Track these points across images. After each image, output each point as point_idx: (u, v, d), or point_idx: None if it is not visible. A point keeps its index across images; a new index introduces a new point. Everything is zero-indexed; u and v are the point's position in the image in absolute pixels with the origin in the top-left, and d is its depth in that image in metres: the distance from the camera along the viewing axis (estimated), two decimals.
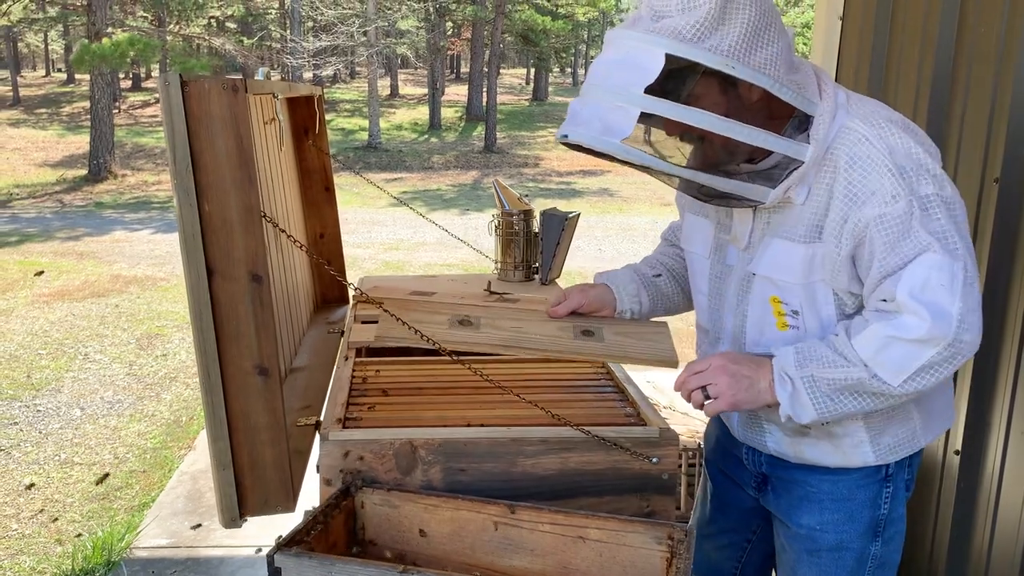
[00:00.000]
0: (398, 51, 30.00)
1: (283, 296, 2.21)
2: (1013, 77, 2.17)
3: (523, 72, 43.01)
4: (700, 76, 1.35)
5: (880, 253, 1.41)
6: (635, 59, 1.32)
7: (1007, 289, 2.21)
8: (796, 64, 1.44)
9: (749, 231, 1.57)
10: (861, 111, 1.46)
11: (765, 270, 1.55)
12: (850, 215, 1.42)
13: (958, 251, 1.38)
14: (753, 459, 1.75)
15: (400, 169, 21.46)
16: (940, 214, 1.39)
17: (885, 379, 1.41)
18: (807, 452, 1.63)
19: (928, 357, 1.38)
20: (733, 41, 1.33)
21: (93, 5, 17.48)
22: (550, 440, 1.64)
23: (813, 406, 1.46)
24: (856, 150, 1.42)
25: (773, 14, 1.39)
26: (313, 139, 2.79)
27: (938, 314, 1.36)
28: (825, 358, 1.45)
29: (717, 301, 1.68)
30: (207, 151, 1.43)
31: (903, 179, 1.39)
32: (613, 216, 14.78)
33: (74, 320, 7.52)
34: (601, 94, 1.35)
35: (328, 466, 1.62)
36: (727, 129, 1.36)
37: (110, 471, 4.50)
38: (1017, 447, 2.19)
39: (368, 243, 11.73)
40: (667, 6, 1.35)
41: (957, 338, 1.37)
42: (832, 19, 3.04)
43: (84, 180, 18.10)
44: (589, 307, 1.83)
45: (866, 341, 1.42)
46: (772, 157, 1.44)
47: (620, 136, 1.32)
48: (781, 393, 1.48)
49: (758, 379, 1.51)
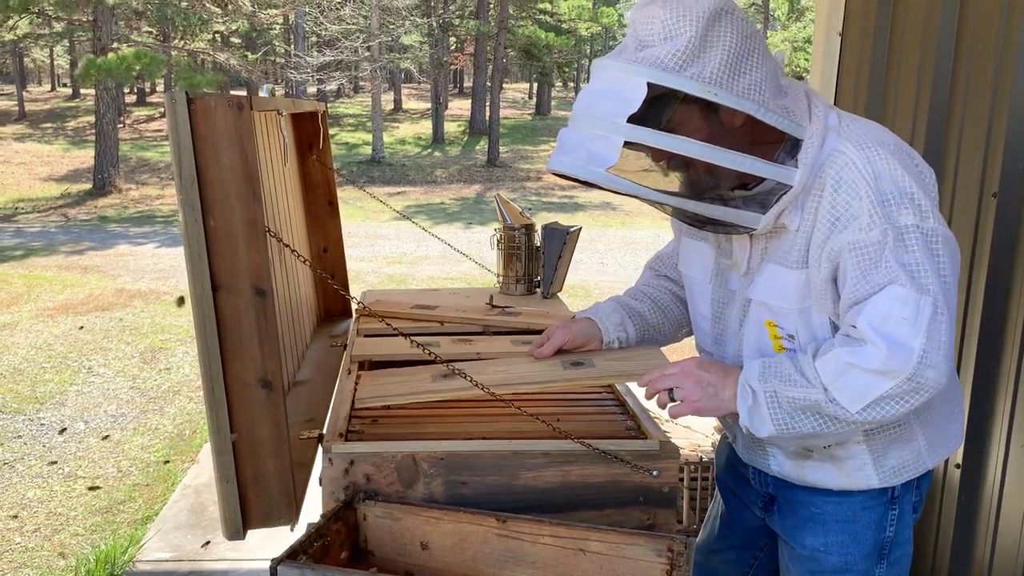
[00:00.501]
0: (402, 66, 30.16)
1: (287, 310, 2.23)
2: (1010, 93, 2.19)
3: (526, 87, 43.19)
4: (680, 103, 1.36)
5: (852, 280, 1.40)
6: (618, 89, 1.34)
7: (1006, 302, 2.22)
8: (784, 87, 1.44)
9: (748, 257, 1.58)
10: (853, 134, 1.45)
11: (761, 295, 1.55)
12: (830, 239, 1.42)
13: (929, 286, 1.36)
14: (760, 479, 1.75)
15: (403, 183, 21.53)
16: (916, 246, 1.37)
17: (843, 404, 1.40)
18: (809, 475, 1.63)
19: (886, 388, 1.37)
20: (715, 68, 1.34)
21: (98, 20, 17.61)
22: (551, 453, 1.65)
23: (772, 421, 1.46)
24: (843, 174, 1.41)
25: (756, 39, 1.40)
26: (317, 154, 2.81)
27: (896, 347, 1.35)
28: (788, 376, 1.45)
29: (720, 327, 1.68)
30: (212, 167, 1.45)
31: (882, 207, 1.38)
32: (615, 230, 14.80)
33: (78, 334, 7.55)
34: (586, 124, 1.37)
35: (330, 479, 1.64)
36: (711, 155, 1.36)
37: (113, 484, 4.50)
38: (1017, 460, 2.19)
39: (371, 256, 11.76)
40: (650, 35, 1.37)
41: (917, 373, 1.35)
42: (831, 35, 3.06)
43: (88, 194, 18.18)
44: (574, 343, 1.83)
45: (828, 364, 1.42)
46: (765, 183, 1.43)
47: (605, 165, 1.34)
48: (742, 405, 1.49)
49: (723, 388, 1.51)
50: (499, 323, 2.52)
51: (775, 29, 31.19)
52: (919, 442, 1.59)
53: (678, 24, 1.34)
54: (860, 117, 1.53)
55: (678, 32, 1.34)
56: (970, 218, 2.33)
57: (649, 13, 1.38)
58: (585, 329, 1.85)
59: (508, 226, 2.93)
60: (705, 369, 1.54)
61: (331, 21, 25.06)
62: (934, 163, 2.49)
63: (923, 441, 1.59)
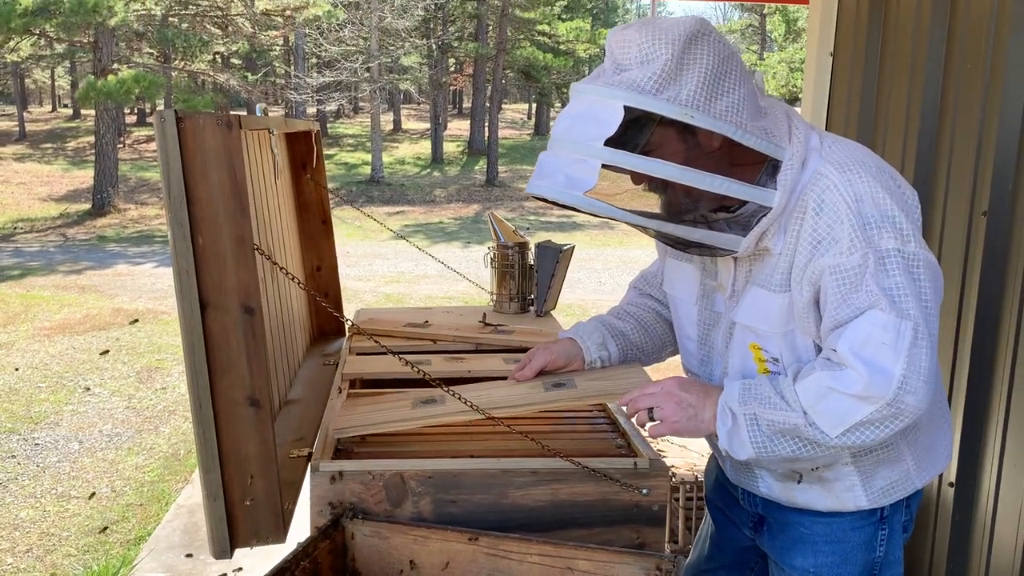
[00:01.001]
0: (401, 87, 30.32)
1: (278, 328, 2.23)
2: (999, 112, 2.21)
3: (524, 107, 43.42)
4: (657, 125, 1.36)
5: (832, 304, 1.40)
6: (596, 112, 1.34)
7: (997, 319, 2.23)
8: (764, 108, 1.44)
9: (732, 279, 1.58)
10: (835, 156, 1.44)
11: (744, 318, 1.55)
12: (811, 261, 1.41)
13: (909, 311, 1.35)
14: (749, 500, 1.74)
15: (402, 203, 21.58)
16: (896, 270, 1.37)
17: (822, 428, 1.40)
18: (799, 497, 1.62)
19: (866, 413, 1.36)
20: (691, 90, 1.33)
21: (100, 42, 17.73)
22: (540, 471, 1.65)
23: (751, 444, 1.45)
24: (824, 196, 1.40)
25: (734, 61, 1.39)
26: (311, 173, 2.82)
27: (877, 372, 1.34)
28: (768, 398, 1.45)
29: (707, 348, 1.67)
30: (201, 185, 1.46)
31: (864, 230, 1.37)
32: (613, 249, 14.82)
33: (74, 353, 7.54)
34: (564, 147, 1.36)
35: (318, 497, 1.63)
36: (688, 178, 1.35)
37: (107, 504, 4.48)
38: (1010, 479, 2.18)
39: (369, 276, 11.77)
40: (627, 59, 1.37)
41: (897, 398, 1.34)
42: (823, 55, 3.09)
43: (87, 214, 18.22)
44: (555, 364, 1.83)
45: (808, 388, 1.41)
46: (746, 205, 1.43)
47: (583, 188, 1.34)
48: (721, 427, 1.48)
49: (703, 409, 1.51)
50: (492, 341, 2.52)
51: (772, 50, 31.39)
52: (907, 462, 1.58)
53: (654, 47, 1.34)
54: (842, 138, 1.52)
55: (654, 55, 1.34)
56: (961, 236, 2.34)
57: (626, 37, 1.38)
58: (566, 350, 1.84)
59: (501, 244, 2.94)
60: (685, 389, 1.54)
61: (331, 42, 25.22)
62: (924, 183, 2.50)
63: (911, 461, 1.59)
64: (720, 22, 42.96)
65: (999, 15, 2.22)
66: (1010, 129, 2.18)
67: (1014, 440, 2.17)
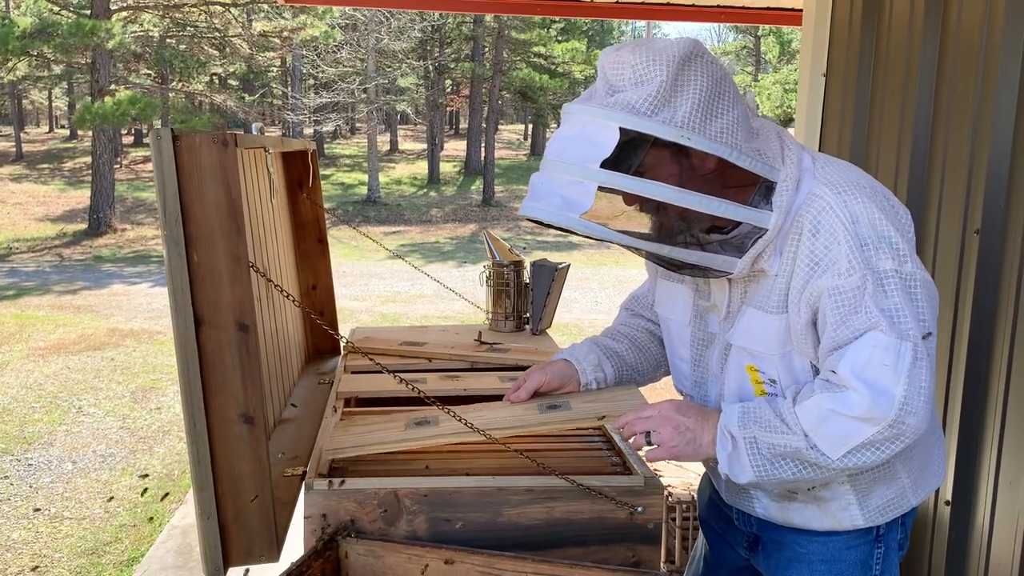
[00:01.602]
0: (398, 107, 30.46)
1: (273, 347, 2.22)
2: (991, 130, 2.22)
3: (521, 128, 43.58)
4: (651, 147, 1.35)
5: (831, 325, 1.39)
6: (590, 134, 1.34)
7: (991, 335, 2.23)
8: (756, 129, 1.44)
9: (727, 301, 1.57)
10: (828, 176, 1.45)
11: (741, 340, 1.54)
12: (809, 282, 1.41)
13: (909, 331, 1.35)
14: (744, 519, 1.73)
15: (399, 222, 21.62)
16: (895, 291, 1.37)
17: (824, 451, 1.39)
18: (795, 517, 1.61)
19: (868, 435, 1.36)
20: (687, 112, 1.33)
21: (97, 63, 17.80)
22: (535, 489, 1.64)
23: (752, 468, 1.44)
24: (820, 218, 1.40)
25: (727, 82, 1.39)
26: (307, 192, 2.83)
27: (879, 394, 1.34)
28: (768, 422, 1.44)
29: (701, 370, 1.66)
30: (196, 203, 1.46)
31: (861, 252, 1.37)
32: (609, 268, 14.84)
33: (69, 373, 7.51)
34: (558, 169, 1.36)
35: (313, 516, 1.62)
36: (685, 200, 1.35)
37: (100, 525, 4.45)
38: (1006, 497, 2.18)
39: (365, 295, 11.76)
40: (621, 80, 1.37)
41: (899, 419, 1.35)
42: (816, 76, 3.11)
43: (84, 234, 18.21)
44: (550, 385, 1.81)
45: (808, 411, 1.41)
46: (741, 227, 1.42)
47: (579, 211, 1.33)
48: (721, 451, 1.47)
49: (701, 432, 1.50)
50: (487, 359, 2.52)
51: (767, 71, 31.62)
52: (903, 480, 1.58)
53: (648, 69, 1.34)
54: (833, 158, 1.52)
55: (649, 77, 1.34)
56: (954, 254, 2.35)
57: (619, 58, 1.38)
58: (562, 371, 1.83)
59: (497, 263, 2.95)
60: (683, 413, 1.53)
61: (328, 63, 25.37)
62: (918, 201, 2.51)
63: (907, 479, 1.58)
64: (715, 44, 43.28)
65: (989, 35, 2.25)
66: (1001, 148, 2.20)
67: (1009, 458, 2.17)
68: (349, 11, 23.03)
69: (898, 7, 2.65)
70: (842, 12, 2.96)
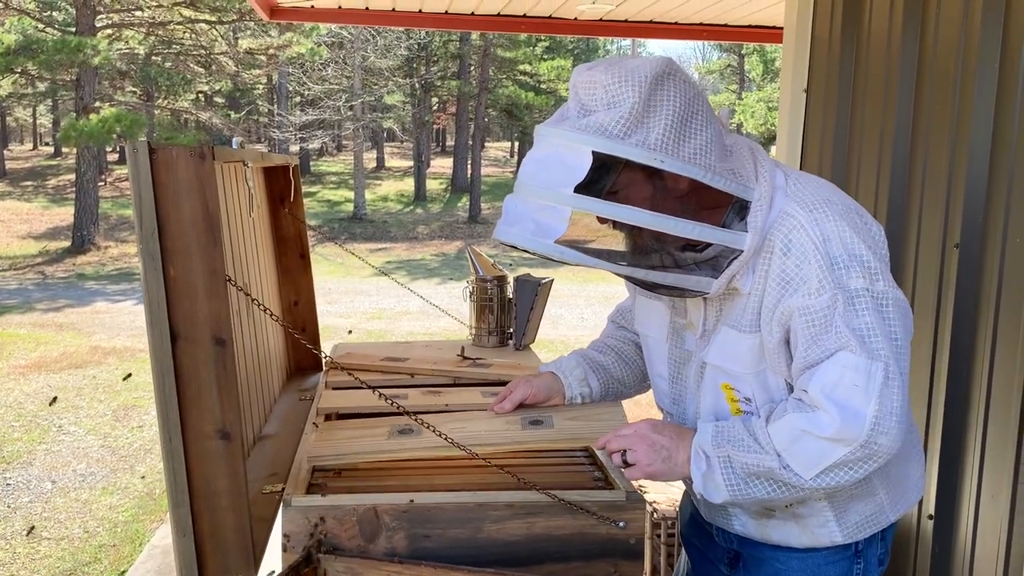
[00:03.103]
0: (384, 125, 30.52)
1: (253, 363, 2.20)
2: (968, 147, 2.24)
3: (507, 145, 43.72)
4: (624, 168, 1.34)
5: (802, 345, 1.39)
6: (562, 157, 1.32)
7: (971, 348, 2.24)
8: (729, 147, 1.43)
9: (703, 319, 1.56)
10: (800, 194, 1.44)
11: (715, 359, 1.54)
12: (780, 301, 1.41)
13: (880, 351, 1.35)
14: (724, 536, 1.72)
15: (385, 239, 21.60)
16: (865, 310, 1.36)
17: (796, 471, 1.39)
18: (773, 534, 1.61)
19: (840, 456, 1.36)
20: (659, 134, 1.32)
21: (82, 80, 17.76)
22: (516, 505, 1.63)
23: (726, 487, 1.45)
24: (791, 237, 1.39)
25: (699, 101, 1.38)
26: (289, 207, 2.82)
27: (849, 415, 1.34)
28: (742, 441, 1.44)
29: (680, 387, 1.66)
30: (173, 216, 1.45)
31: (832, 271, 1.36)
32: (595, 285, 14.85)
33: (50, 391, 7.43)
34: (532, 193, 1.34)
35: (291, 533, 1.60)
36: (660, 224, 1.34)
37: (79, 545, 4.39)
38: (988, 511, 2.18)
39: (350, 312, 11.72)
40: (593, 101, 1.35)
41: (870, 440, 1.34)
42: (797, 92, 3.14)
43: (67, 252, 18.10)
44: (535, 398, 1.82)
45: (781, 430, 1.41)
46: (713, 247, 1.42)
47: (553, 236, 1.32)
48: (695, 471, 1.47)
49: (677, 451, 1.50)
50: (470, 375, 2.50)
51: (751, 90, 31.89)
52: (881, 496, 1.58)
53: (620, 89, 1.32)
54: (806, 174, 1.52)
55: (621, 98, 1.32)
56: (934, 268, 2.36)
57: (591, 78, 1.36)
58: (548, 384, 1.83)
59: (480, 278, 2.94)
60: (659, 432, 1.52)
61: (314, 81, 25.40)
62: (897, 216, 2.53)
63: (884, 495, 1.58)
64: (700, 62, 43.66)
65: (966, 53, 2.27)
66: (979, 163, 2.22)
67: (991, 471, 2.18)
68: (335, 29, 23.10)
69: (876, 25, 2.68)
70: (822, 29, 2.99)
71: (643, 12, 4.98)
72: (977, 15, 2.23)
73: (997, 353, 2.16)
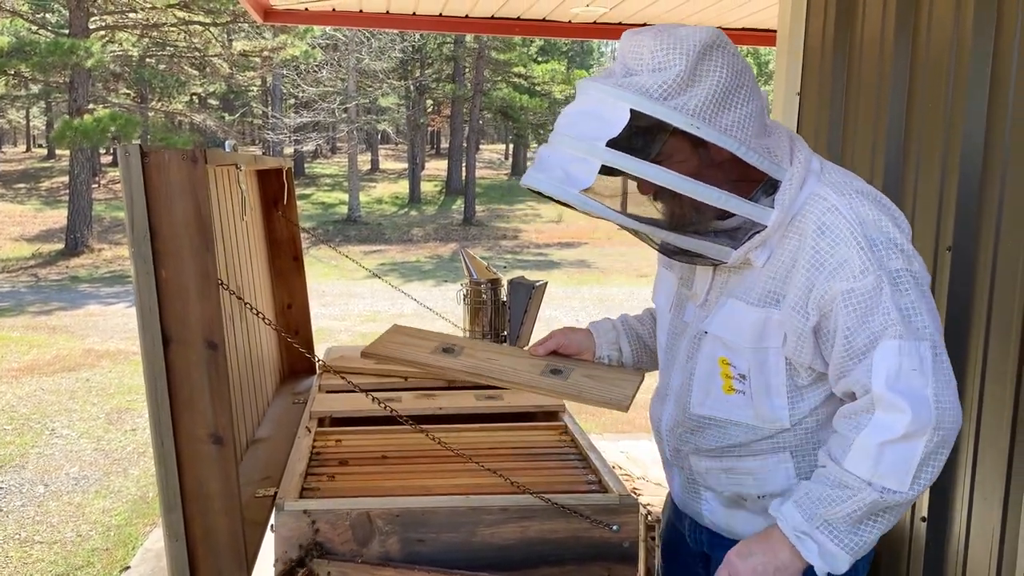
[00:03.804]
0: (379, 127, 30.51)
1: (246, 366, 2.20)
2: (960, 149, 2.25)
3: (502, 147, 43.74)
4: (670, 135, 1.34)
5: (845, 329, 1.38)
6: (600, 111, 1.33)
7: (964, 349, 2.25)
8: (769, 128, 1.43)
9: (707, 288, 1.56)
10: (833, 179, 1.45)
11: (717, 329, 1.53)
12: (815, 285, 1.40)
13: (925, 329, 1.35)
14: (695, 536, 1.72)
15: (380, 242, 21.58)
16: (909, 289, 1.37)
17: (894, 488, 1.36)
18: (739, 527, 1.60)
19: (922, 451, 1.34)
20: (700, 102, 1.32)
21: (75, 82, 17.71)
22: (510, 508, 1.63)
23: (842, 549, 1.40)
24: (826, 219, 1.40)
25: (746, 75, 1.38)
26: (282, 210, 2.82)
27: (917, 401, 1.33)
28: (829, 497, 1.40)
29: (669, 357, 1.67)
30: (165, 219, 1.45)
31: (872, 252, 1.36)
32: (590, 287, 14.86)
33: (43, 395, 7.40)
34: (566, 143, 1.35)
35: (284, 537, 1.60)
36: (687, 188, 1.34)
37: (72, 549, 4.37)
38: (981, 512, 2.19)
39: (345, 315, 11.70)
40: (639, 64, 1.35)
41: (939, 420, 1.34)
42: (790, 95, 3.14)
43: (60, 254, 18.03)
44: (567, 348, 1.85)
45: (858, 458, 1.37)
46: (736, 218, 1.42)
47: (580, 186, 1.32)
48: (809, 554, 1.41)
49: (775, 555, 1.44)
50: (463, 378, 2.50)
51: None
52: None
53: (668, 56, 1.32)
54: (839, 166, 1.53)
55: (668, 64, 1.32)
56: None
57: (639, 41, 1.36)
58: (581, 340, 1.86)
59: (474, 281, 2.93)
60: (747, 555, 1.46)
61: (309, 83, 25.38)
62: None
63: None
64: None
65: (958, 55, 2.28)
66: (971, 165, 2.22)
67: (983, 473, 2.18)
68: (330, 31, 23.10)
69: (869, 28, 2.68)
70: (815, 33, 2.99)
71: (637, 15, 4.99)
72: (968, 19, 2.23)
73: (990, 354, 2.16)
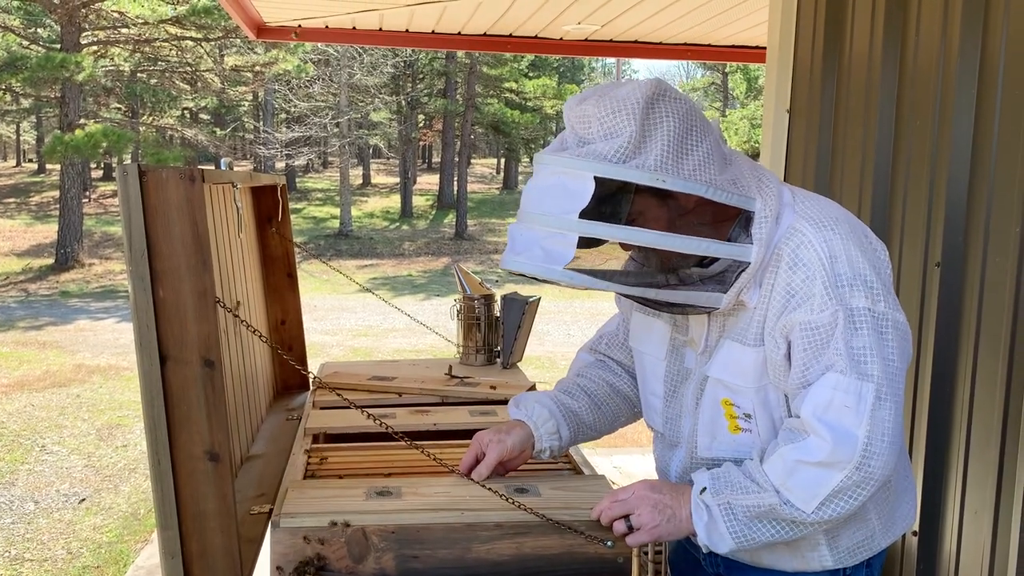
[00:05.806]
0: (370, 142, 30.55)
1: (240, 383, 2.20)
2: (948, 166, 2.28)
3: (493, 162, 43.82)
4: (635, 195, 1.35)
5: (801, 361, 1.40)
6: (565, 184, 1.33)
7: (954, 365, 2.27)
8: (728, 156, 1.44)
9: (705, 334, 1.56)
10: (809, 212, 1.45)
11: (718, 372, 1.53)
12: (783, 315, 1.41)
13: (872, 373, 1.35)
14: (711, 560, 1.72)
15: (372, 256, 21.58)
16: (865, 330, 1.37)
17: (797, 505, 1.38)
18: (764, 557, 1.60)
19: (836, 482, 1.36)
20: (657, 156, 1.33)
21: (67, 97, 17.70)
22: (504, 525, 1.63)
23: (730, 535, 1.43)
24: (799, 253, 1.41)
25: (694, 115, 1.39)
26: (276, 226, 2.83)
27: (841, 436, 1.34)
28: (740, 484, 1.43)
29: (675, 405, 1.65)
30: (163, 238, 1.45)
31: (836, 288, 1.37)
32: (582, 302, 14.89)
33: (33, 411, 7.36)
34: (537, 221, 1.35)
35: (279, 554, 1.60)
36: (667, 243, 1.35)
37: (62, 567, 4.34)
38: (971, 526, 2.20)
39: (337, 330, 11.69)
40: (590, 133, 1.36)
41: (864, 462, 1.34)
42: (780, 112, 3.18)
43: (50, 269, 17.97)
44: (511, 455, 1.74)
45: (775, 465, 1.40)
46: (720, 261, 1.42)
47: (562, 263, 1.32)
48: (698, 522, 1.45)
49: (679, 507, 1.48)
50: (457, 394, 2.51)
51: (734, 107, 32.17)
52: (873, 522, 1.57)
53: (615, 120, 1.34)
54: (812, 193, 1.54)
55: (618, 129, 1.33)
56: (916, 286, 2.40)
57: (584, 112, 1.37)
58: (520, 439, 1.75)
59: (467, 296, 2.95)
60: (659, 491, 1.50)
61: (300, 98, 25.43)
62: (880, 235, 2.55)
63: (877, 521, 1.57)
64: (684, 80, 44.00)
65: (945, 73, 2.31)
66: (959, 182, 2.25)
67: (973, 488, 2.20)
68: (321, 46, 23.16)
69: (857, 46, 2.72)
70: (804, 50, 3.03)
71: (628, 32, 5.03)
72: (956, 37, 2.27)
73: (979, 370, 2.18)
